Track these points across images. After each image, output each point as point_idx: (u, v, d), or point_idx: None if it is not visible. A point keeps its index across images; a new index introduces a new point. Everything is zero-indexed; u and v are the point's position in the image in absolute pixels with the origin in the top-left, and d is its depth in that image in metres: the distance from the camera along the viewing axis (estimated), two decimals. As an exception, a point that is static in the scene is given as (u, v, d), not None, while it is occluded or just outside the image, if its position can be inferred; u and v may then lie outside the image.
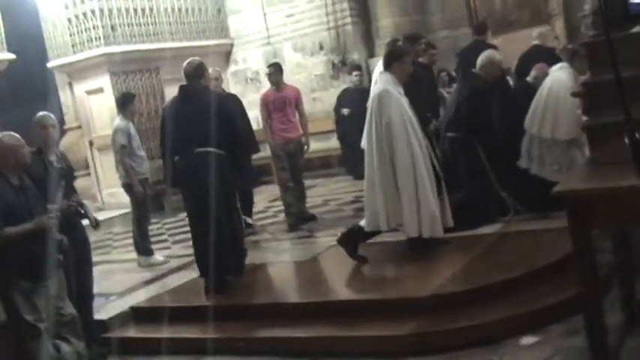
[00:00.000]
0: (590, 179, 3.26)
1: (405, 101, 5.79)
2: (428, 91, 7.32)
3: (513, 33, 12.00)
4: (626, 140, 2.70)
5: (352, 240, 6.07)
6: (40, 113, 5.46)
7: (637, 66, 3.52)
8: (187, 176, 5.95)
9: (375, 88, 6.01)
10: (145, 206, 7.81)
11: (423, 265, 5.68)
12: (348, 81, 11.43)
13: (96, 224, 5.66)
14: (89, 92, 11.46)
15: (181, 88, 6.18)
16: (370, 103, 5.86)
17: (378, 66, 6.70)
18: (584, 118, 3.92)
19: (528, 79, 7.19)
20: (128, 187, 7.69)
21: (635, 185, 2.70)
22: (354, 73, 11.21)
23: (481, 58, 6.70)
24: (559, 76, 6.46)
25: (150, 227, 8.03)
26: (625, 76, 3.40)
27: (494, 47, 7.80)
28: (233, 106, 7.67)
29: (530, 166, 6.53)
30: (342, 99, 11.06)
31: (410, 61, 6.09)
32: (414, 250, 5.89)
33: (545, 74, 6.74)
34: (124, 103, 8.01)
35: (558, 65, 6.67)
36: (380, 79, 6.02)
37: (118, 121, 7.87)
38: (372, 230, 5.91)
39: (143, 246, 7.69)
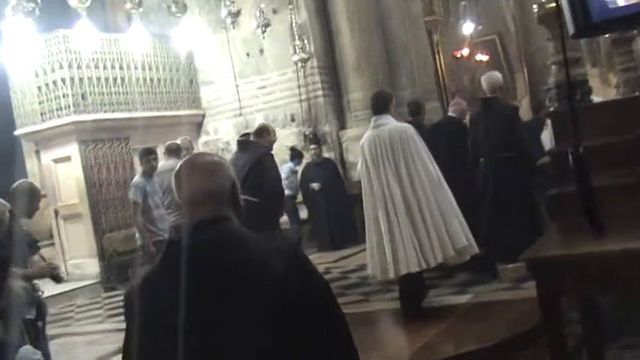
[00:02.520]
0: (558, 247, 3.23)
1: None
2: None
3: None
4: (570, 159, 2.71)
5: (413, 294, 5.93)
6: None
7: (600, 135, 3.55)
8: None
9: (394, 126, 5.95)
10: None
11: (392, 335, 5.58)
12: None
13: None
14: (56, 160, 11.35)
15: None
16: (393, 139, 5.83)
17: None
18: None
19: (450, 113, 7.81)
20: (142, 249, 7.47)
21: (603, 251, 2.67)
22: (311, 146, 11.26)
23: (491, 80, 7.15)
24: None
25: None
26: (588, 145, 3.42)
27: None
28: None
29: None
30: (308, 174, 11.05)
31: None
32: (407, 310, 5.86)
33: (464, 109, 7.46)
34: (143, 158, 7.87)
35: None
36: (384, 119, 5.96)
37: (136, 177, 7.74)
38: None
39: None
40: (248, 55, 12.87)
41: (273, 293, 1.77)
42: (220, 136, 13.36)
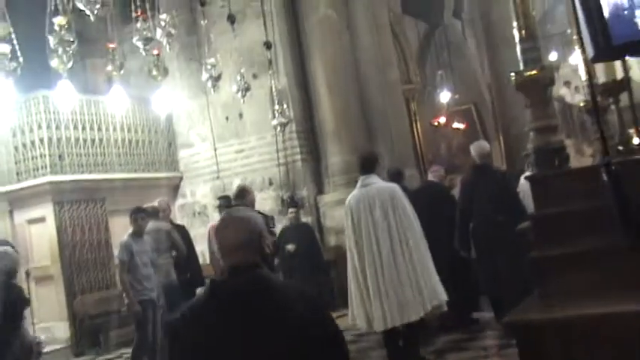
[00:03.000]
0: (539, 310, 3.21)
1: None
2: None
3: (459, 175, 12.31)
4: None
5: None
6: None
7: (579, 200, 3.58)
8: None
9: (382, 186, 6.32)
10: (144, 330, 7.39)
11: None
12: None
13: None
14: (30, 221, 11.20)
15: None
16: (382, 197, 6.14)
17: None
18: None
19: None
20: (128, 307, 7.36)
21: (586, 314, 2.66)
22: (290, 210, 11.25)
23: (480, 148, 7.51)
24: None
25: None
26: (568, 210, 3.45)
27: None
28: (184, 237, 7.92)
29: None
30: (284, 237, 11.00)
31: None
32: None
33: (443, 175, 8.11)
34: (131, 217, 7.81)
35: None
36: (372, 179, 6.27)
37: (125, 236, 7.65)
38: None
39: None
40: (227, 118, 12.94)
41: (295, 328, 2.25)
42: (197, 199, 13.31)
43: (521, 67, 4.65)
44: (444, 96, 18.34)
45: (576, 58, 6.03)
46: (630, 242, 3.20)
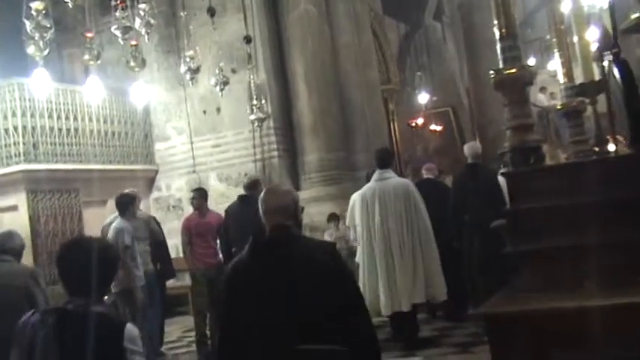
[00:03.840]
0: (512, 303, 3.23)
1: None
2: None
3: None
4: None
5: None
6: None
7: (553, 196, 3.60)
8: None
9: (398, 181, 7.04)
10: (145, 313, 7.39)
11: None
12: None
13: None
14: (2, 209, 11.02)
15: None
16: (397, 192, 6.78)
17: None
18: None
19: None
20: (126, 294, 7.22)
21: (557, 307, 2.68)
22: None
23: (473, 148, 8.10)
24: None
25: None
26: (543, 206, 3.47)
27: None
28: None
29: None
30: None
31: None
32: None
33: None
34: (125, 204, 7.72)
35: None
36: (389, 174, 6.95)
37: (119, 222, 7.51)
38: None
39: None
40: (205, 112, 12.88)
41: (317, 270, 2.99)
42: (172, 193, 13.23)
43: (501, 65, 4.68)
44: (423, 97, 18.43)
45: (555, 64, 6.05)
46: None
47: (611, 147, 5.19)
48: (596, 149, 4.96)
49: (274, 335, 2.88)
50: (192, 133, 12.92)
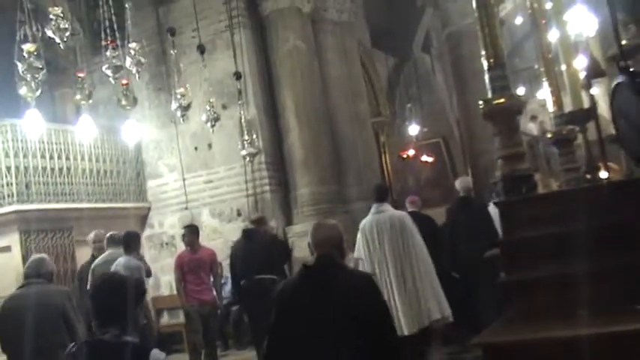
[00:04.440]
0: (508, 332, 3.23)
1: None
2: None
3: (428, 209, 12.39)
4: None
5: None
6: None
7: (546, 225, 3.62)
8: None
9: (393, 213, 7.45)
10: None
11: None
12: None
13: None
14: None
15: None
16: (393, 223, 7.24)
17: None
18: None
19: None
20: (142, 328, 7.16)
21: (553, 336, 2.67)
22: None
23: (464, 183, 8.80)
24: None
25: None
26: (536, 235, 3.49)
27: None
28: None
29: None
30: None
31: None
32: None
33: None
34: (131, 241, 7.72)
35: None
36: (385, 207, 7.44)
37: (130, 260, 7.47)
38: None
39: None
40: (196, 149, 12.90)
41: (358, 297, 3.45)
42: (165, 230, 13.19)
43: (490, 95, 4.72)
44: (413, 129, 18.51)
45: (544, 93, 6.11)
46: None
47: (604, 174, 5.23)
48: (588, 176, 5.00)
49: (315, 345, 3.45)
50: (184, 170, 12.92)
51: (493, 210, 7.51)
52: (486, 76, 4.53)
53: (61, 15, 7.68)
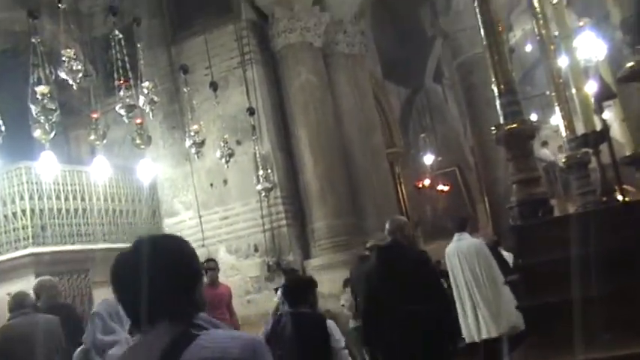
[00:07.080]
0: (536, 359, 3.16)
1: None
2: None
3: (445, 240, 12.31)
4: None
5: None
6: None
7: (565, 247, 3.55)
8: None
9: (471, 241, 8.67)
10: None
11: None
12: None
13: None
14: (10, 295, 10.96)
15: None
16: (471, 251, 8.45)
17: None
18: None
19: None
20: None
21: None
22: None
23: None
24: None
25: None
26: (554, 258, 3.42)
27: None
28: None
29: None
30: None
31: None
32: None
33: None
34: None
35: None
36: (464, 236, 8.69)
37: None
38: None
39: None
40: (211, 185, 12.91)
41: (420, 264, 5.69)
42: (183, 268, 13.14)
43: (502, 121, 4.68)
44: (428, 159, 18.50)
45: (557, 119, 6.08)
46: None
47: (619, 197, 5.15)
48: (604, 199, 4.93)
49: (394, 302, 5.30)
50: (199, 207, 12.93)
51: (507, 254, 8.58)
52: (497, 103, 4.50)
53: (74, 57, 7.76)
